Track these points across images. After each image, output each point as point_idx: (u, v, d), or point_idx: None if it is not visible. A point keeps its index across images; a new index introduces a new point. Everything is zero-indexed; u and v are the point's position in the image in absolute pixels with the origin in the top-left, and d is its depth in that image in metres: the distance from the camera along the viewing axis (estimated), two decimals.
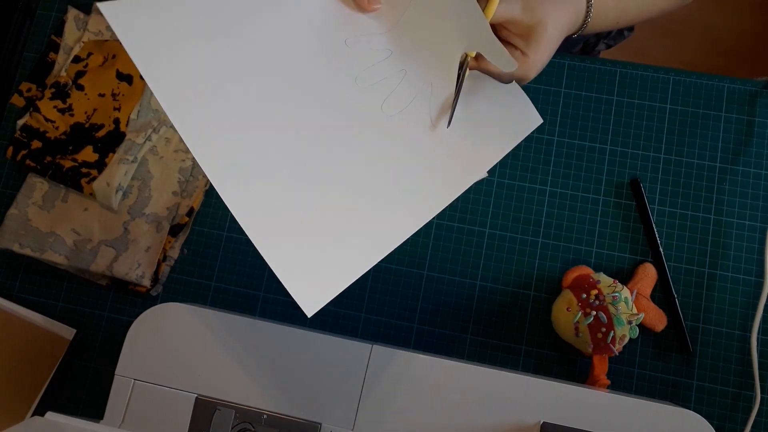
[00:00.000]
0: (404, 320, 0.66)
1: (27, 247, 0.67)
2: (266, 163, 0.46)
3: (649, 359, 0.64)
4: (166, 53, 0.44)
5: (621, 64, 0.70)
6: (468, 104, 0.56)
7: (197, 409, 0.55)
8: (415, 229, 0.51)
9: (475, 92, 0.57)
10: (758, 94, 0.69)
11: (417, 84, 0.54)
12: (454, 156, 0.55)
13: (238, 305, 0.68)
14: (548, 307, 0.65)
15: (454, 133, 0.55)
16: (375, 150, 0.52)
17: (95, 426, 0.50)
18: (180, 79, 0.44)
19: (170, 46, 0.44)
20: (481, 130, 0.57)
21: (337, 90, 0.51)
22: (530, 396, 0.54)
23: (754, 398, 0.61)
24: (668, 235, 0.66)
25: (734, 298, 0.64)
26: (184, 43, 0.45)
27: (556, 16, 0.53)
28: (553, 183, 0.68)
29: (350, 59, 0.52)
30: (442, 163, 0.54)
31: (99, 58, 0.71)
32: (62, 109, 0.70)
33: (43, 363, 0.65)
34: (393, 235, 0.50)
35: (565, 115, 0.69)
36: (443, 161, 0.54)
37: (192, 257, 0.69)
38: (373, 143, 0.52)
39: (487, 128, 0.58)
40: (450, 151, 0.55)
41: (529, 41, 0.53)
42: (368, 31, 0.54)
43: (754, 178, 0.67)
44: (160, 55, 0.43)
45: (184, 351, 0.56)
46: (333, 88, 0.51)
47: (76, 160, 0.68)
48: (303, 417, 0.54)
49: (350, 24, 0.53)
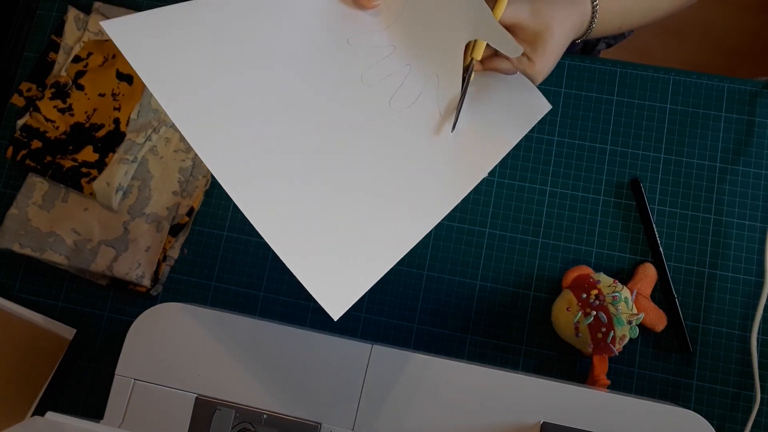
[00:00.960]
0: (404, 320, 0.66)
1: (27, 247, 0.67)
2: (283, 173, 0.46)
3: (649, 359, 0.64)
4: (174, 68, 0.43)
5: (621, 64, 0.70)
6: (475, 97, 0.56)
7: (197, 409, 0.55)
8: (432, 224, 0.51)
9: (481, 86, 0.57)
10: (758, 94, 0.69)
11: (423, 77, 0.54)
12: (465, 149, 0.54)
13: (238, 305, 0.68)
14: (548, 307, 0.65)
15: (464, 127, 0.55)
16: (387, 148, 0.51)
17: (95, 426, 0.50)
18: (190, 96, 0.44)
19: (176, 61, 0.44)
20: (491, 122, 0.57)
21: (344, 91, 0.51)
22: (530, 396, 0.54)
23: (754, 398, 0.61)
24: (668, 235, 0.66)
25: (734, 298, 0.64)
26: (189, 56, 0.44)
27: (562, 22, 0.53)
28: (553, 183, 0.68)
29: (354, 58, 0.52)
30: (455, 157, 0.54)
31: (99, 58, 0.71)
32: (62, 109, 0.70)
33: (43, 363, 0.65)
34: (411, 232, 0.49)
35: (565, 115, 0.69)
36: (455, 155, 0.54)
37: (192, 257, 0.69)
38: (385, 141, 0.51)
39: (497, 119, 0.57)
40: (461, 145, 0.54)
41: (535, 47, 0.53)
42: (370, 29, 0.54)
43: (754, 178, 0.67)
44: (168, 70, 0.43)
45: (184, 351, 0.56)
46: (340, 90, 0.51)
47: (76, 160, 0.68)
48: (303, 417, 0.54)
49: (351, 23, 0.53)
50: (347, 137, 0.50)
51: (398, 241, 0.48)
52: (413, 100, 0.54)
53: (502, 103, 0.58)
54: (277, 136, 0.46)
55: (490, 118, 0.57)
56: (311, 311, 0.67)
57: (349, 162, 0.49)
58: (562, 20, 0.53)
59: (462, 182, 0.53)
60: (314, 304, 0.67)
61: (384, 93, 0.53)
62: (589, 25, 0.56)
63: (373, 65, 0.53)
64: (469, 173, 0.54)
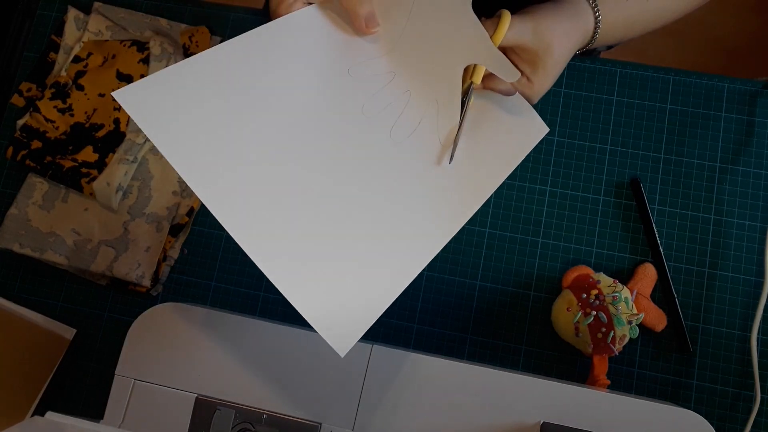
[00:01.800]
0: (404, 320, 0.66)
1: (27, 247, 0.67)
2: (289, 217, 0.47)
3: (649, 359, 0.64)
4: (181, 128, 0.44)
5: (621, 64, 0.70)
6: (473, 123, 0.56)
7: (197, 409, 0.55)
8: (434, 254, 0.51)
9: (478, 110, 0.57)
10: (758, 94, 0.69)
11: (423, 105, 0.54)
12: (464, 178, 0.55)
13: (238, 305, 0.68)
14: (548, 307, 0.65)
15: (463, 157, 0.55)
16: (388, 180, 0.51)
17: (95, 426, 0.50)
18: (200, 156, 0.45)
19: (183, 120, 0.45)
20: (490, 149, 0.57)
21: (347, 127, 0.51)
22: (530, 396, 0.54)
23: (754, 398, 0.61)
24: (668, 235, 0.66)
25: (734, 298, 0.64)
26: (193, 104, 0.45)
27: (563, 40, 0.52)
28: (553, 183, 0.68)
29: (355, 90, 0.52)
30: (455, 185, 0.54)
31: (99, 58, 0.71)
32: (62, 109, 0.70)
33: (43, 363, 0.65)
34: (414, 262, 0.50)
35: (565, 115, 0.69)
36: (456, 183, 0.54)
37: (192, 257, 0.69)
38: (386, 173, 0.52)
39: (495, 146, 0.57)
40: (460, 174, 0.55)
41: (536, 68, 0.53)
42: (369, 56, 0.53)
43: (754, 178, 0.67)
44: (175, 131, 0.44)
45: (184, 351, 0.56)
46: (342, 124, 0.51)
47: (76, 160, 0.68)
48: (303, 417, 0.54)
49: (351, 52, 0.53)
50: (349, 172, 0.50)
51: (401, 272, 0.49)
52: (413, 129, 0.54)
53: (500, 128, 0.58)
54: (283, 183, 0.47)
55: (489, 145, 0.57)
56: None
57: (351, 197, 0.50)
58: (563, 38, 0.52)
59: (461, 209, 0.54)
60: None
61: (384, 124, 0.53)
62: (591, 37, 0.56)
63: (373, 95, 0.53)
64: (467, 201, 0.54)
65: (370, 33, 0.52)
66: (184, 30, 0.72)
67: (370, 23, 0.52)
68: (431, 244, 0.51)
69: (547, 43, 0.52)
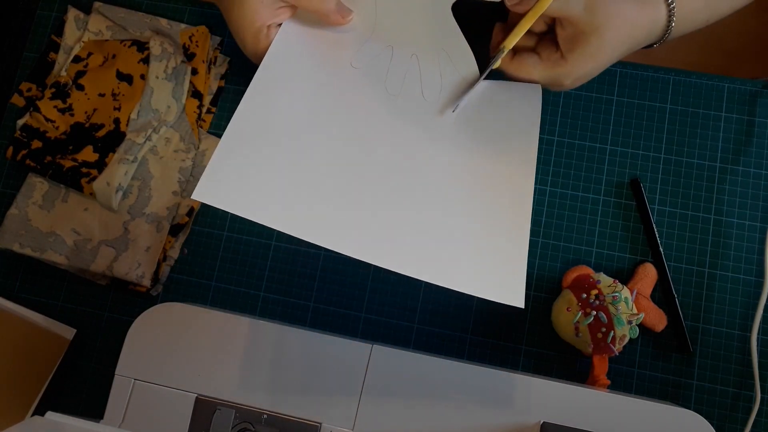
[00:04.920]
0: (404, 320, 0.66)
1: (27, 247, 0.67)
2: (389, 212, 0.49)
3: (649, 359, 0.64)
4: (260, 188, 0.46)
5: (621, 64, 0.70)
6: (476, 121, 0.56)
7: (197, 409, 0.55)
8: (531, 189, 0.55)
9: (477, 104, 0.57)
10: (758, 94, 0.69)
11: (433, 59, 0.54)
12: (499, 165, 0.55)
13: (238, 305, 0.68)
14: (548, 307, 0.65)
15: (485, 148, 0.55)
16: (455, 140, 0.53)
17: (95, 426, 0.50)
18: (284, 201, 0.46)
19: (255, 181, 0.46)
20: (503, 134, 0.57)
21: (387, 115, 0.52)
22: (530, 396, 0.54)
23: (754, 398, 0.61)
24: (668, 235, 0.66)
25: (734, 298, 0.64)
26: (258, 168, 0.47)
27: (619, 27, 0.46)
28: (553, 183, 0.68)
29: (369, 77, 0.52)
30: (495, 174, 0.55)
31: (99, 58, 0.71)
32: (62, 109, 0.70)
33: (43, 363, 0.65)
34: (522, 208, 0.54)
35: (565, 115, 0.69)
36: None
37: (192, 257, 0.69)
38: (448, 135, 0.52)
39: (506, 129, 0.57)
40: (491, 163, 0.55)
41: (574, 47, 0.47)
42: (359, 42, 0.54)
43: (754, 178, 0.67)
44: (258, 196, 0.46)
45: (184, 351, 0.56)
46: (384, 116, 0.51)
47: (76, 160, 0.68)
48: (303, 417, 0.54)
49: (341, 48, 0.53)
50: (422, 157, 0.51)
51: (515, 204, 0.52)
52: (439, 85, 0.54)
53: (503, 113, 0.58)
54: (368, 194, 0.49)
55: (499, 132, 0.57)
56: (311, 311, 0.67)
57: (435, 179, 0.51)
58: (622, 23, 0.46)
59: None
60: (314, 304, 0.67)
61: (414, 94, 0.53)
62: (665, 29, 0.50)
63: (386, 73, 0.53)
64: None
65: (347, 22, 0.52)
66: (184, 30, 0.72)
67: (343, 13, 0.51)
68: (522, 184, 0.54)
69: (597, 24, 0.46)
